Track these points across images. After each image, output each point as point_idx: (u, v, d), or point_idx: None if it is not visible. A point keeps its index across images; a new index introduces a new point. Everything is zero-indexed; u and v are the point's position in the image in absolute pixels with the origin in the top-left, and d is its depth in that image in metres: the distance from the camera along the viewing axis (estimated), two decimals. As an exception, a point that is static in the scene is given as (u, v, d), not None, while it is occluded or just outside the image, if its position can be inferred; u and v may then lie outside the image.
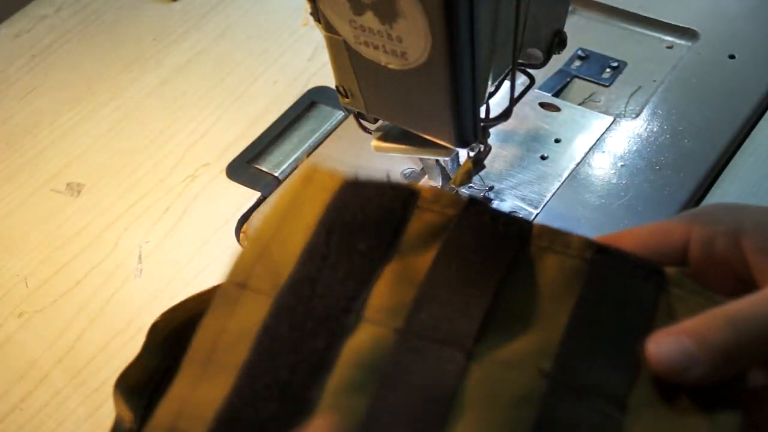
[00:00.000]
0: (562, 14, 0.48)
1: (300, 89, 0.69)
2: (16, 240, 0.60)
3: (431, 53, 0.39)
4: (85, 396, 0.50)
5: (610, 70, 0.66)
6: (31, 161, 0.66)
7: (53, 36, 0.78)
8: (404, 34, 0.39)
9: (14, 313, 0.55)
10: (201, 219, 0.60)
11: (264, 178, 0.62)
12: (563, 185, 0.57)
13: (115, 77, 0.73)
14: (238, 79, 0.71)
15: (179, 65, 0.73)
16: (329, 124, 0.65)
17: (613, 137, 0.60)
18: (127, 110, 0.70)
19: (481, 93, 0.44)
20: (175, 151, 0.65)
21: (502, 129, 0.60)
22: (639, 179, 0.56)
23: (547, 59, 0.49)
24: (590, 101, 0.64)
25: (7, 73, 0.75)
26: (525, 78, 0.50)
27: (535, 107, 0.62)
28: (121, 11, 0.80)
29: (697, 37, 0.67)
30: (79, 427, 0.49)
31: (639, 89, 0.64)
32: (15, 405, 0.50)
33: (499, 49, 0.44)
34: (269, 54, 0.73)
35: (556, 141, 0.60)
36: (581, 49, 0.68)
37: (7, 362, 0.53)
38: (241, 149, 0.64)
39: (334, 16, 0.41)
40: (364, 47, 0.41)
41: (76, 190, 0.63)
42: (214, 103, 0.69)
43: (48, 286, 0.57)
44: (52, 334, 0.54)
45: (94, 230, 0.60)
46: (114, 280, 0.56)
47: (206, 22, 0.77)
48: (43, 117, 0.70)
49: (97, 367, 0.51)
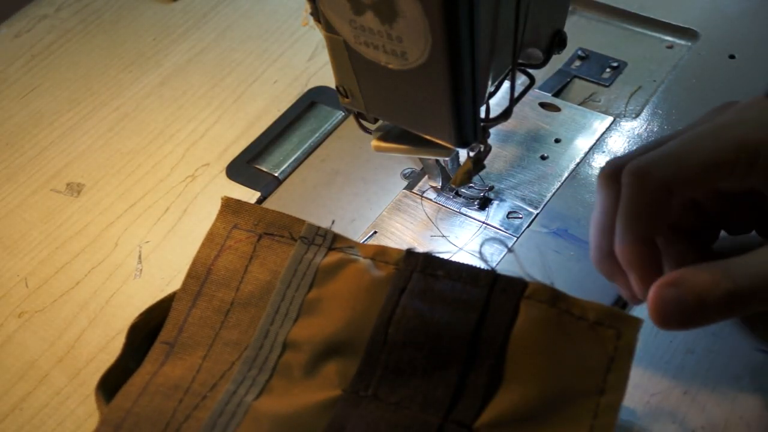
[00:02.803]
0: (562, 14, 0.48)
1: (300, 89, 0.69)
2: (16, 240, 0.60)
3: (431, 53, 0.39)
4: (85, 396, 0.50)
5: (610, 70, 0.66)
6: (31, 161, 0.66)
7: (53, 36, 0.78)
8: (404, 34, 0.39)
9: (14, 313, 0.55)
10: (201, 219, 0.60)
11: (264, 178, 0.62)
12: (563, 185, 0.57)
13: (115, 77, 0.73)
14: (238, 79, 0.71)
15: (179, 65, 0.73)
16: (329, 124, 0.65)
17: (613, 137, 0.60)
18: (127, 110, 0.70)
19: (481, 93, 0.44)
20: (175, 151, 0.65)
21: (502, 129, 0.60)
22: (639, 179, 0.56)
23: (547, 59, 0.49)
24: (590, 101, 0.64)
25: (7, 73, 0.75)
26: (525, 78, 0.50)
27: (535, 107, 0.62)
28: (121, 11, 0.80)
29: (697, 37, 0.67)
30: (79, 427, 0.49)
31: (639, 89, 0.64)
32: (15, 405, 0.50)
33: (499, 49, 0.44)
34: (269, 54, 0.73)
35: (556, 141, 0.60)
36: (581, 49, 0.68)
37: (7, 362, 0.53)
38: (241, 149, 0.64)
39: (334, 16, 0.41)
40: (364, 47, 0.41)
41: (76, 190, 0.63)
42: (214, 103, 0.69)
43: (48, 286, 0.57)
44: (52, 334, 0.54)
45: (94, 230, 0.60)
46: (114, 280, 0.56)
47: (206, 22, 0.77)
48: (43, 117, 0.70)
49: (97, 367, 0.51)
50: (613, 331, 0.37)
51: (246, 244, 0.45)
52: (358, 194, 0.59)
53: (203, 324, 0.43)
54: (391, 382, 0.39)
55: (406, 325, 0.39)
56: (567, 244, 0.53)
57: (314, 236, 0.44)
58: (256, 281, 0.44)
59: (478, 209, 0.56)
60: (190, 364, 0.42)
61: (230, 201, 0.46)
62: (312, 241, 0.44)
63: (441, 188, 0.57)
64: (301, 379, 0.41)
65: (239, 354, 0.42)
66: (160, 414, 0.40)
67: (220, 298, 0.44)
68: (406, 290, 0.40)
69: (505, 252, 0.52)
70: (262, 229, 0.45)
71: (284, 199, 0.60)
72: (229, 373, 0.41)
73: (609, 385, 0.36)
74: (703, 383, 0.45)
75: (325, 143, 0.64)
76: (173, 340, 0.43)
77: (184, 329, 0.43)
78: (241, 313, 0.43)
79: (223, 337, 0.42)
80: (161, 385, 0.41)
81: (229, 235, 0.45)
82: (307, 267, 0.43)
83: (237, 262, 0.44)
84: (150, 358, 0.42)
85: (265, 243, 0.44)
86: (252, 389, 0.40)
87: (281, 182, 0.61)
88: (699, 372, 0.45)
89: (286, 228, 0.44)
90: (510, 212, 0.55)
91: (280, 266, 0.44)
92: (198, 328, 0.43)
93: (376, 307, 0.41)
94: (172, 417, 0.39)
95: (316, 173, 0.61)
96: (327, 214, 0.58)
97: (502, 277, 0.40)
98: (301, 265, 0.43)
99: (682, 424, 0.43)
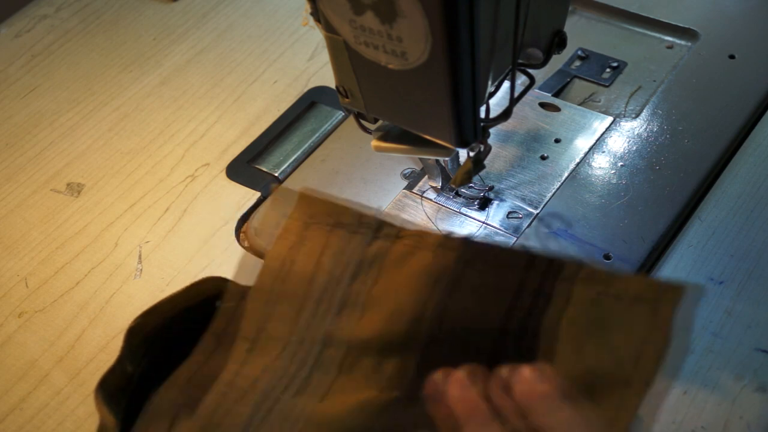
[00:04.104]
0: (562, 14, 0.48)
1: (300, 89, 0.69)
2: (16, 240, 0.60)
3: (431, 53, 0.39)
4: (85, 396, 0.50)
5: (610, 70, 0.66)
6: (31, 161, 0.66)
7: (53, 36, 0.78)
8: (404, 34, 0.39)
9: (14, 313, 0.55)
10: (201, 219, 0.60)
11: (264, 178, 0.62)
12: (563, 185, 0.57)
13: (115, 77, 0.73)
14: (238, 79, 0.71)
15: (179, 65, 0.73)
16: (329, 124, 0.65)
17: (613, 137, 0.60)
18: (127, 110, 0.70)
19: (481, 93, 0.44)
20: (175, 151, 0.65)
21: (502, 129, 0.60)
22: (639, 179, 0.56)
23: (547, 59, 0.49)
24: (590, 101, 0.64)
25: (7, 73, 0.75)
26: (525, 78, 0.50)
27: (535, 107, 0.62)
28: (121, 11, 0.80)
29: (697, 37, 0.67)
30: (79, 427, 0.49)
31: (639, 89, 0.64)
32: (15, 405, 0.50)
33: (499, 49, 0.44)
34: (269, 54, 0.73)
35: (556, 141, 0.60)
36: (581, 49, 0.68)
37: (7, 362, 0.53)
38: (241, 149, 0.64)
39: (334, 16, 0.41)
40: (364, 47, 0.41)
41: (76, 190, 0.63)
42: (214, 103, 0.69)
43: (48, 286, 0.57)
44: (52, 334, 0.54)
45: (94, 230, 0.60)
46: (114, 280, 0.56)
47: (206, 22, 0.77)
48: (43, 117, 0.70)
49: (97, 367, 0.51)
50: (648, 307, 0.36)
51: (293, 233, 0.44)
52: (358, 194, 0.59)
53: (250, 318, 0.43)
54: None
55: (450, 319, 0.39)
56: (567, 244, 0.53)
57: (358, 224, 0.43)
58: (302, 273, 0.43)
59: (478, 209, 0.56)
60: (235, 357, 0.42)
61: (306, 193, 0.46)
62: (356, 230, 0.43)
63: (441, 188, 0.57)
64: (341, 376, 0.40)
65: (282, 348, 0.41)
66: (205, 406, 0.40)
67: (267, 291, 0.43)
68: (450, 281, 0.40)
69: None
70: (306, 218, 0.44)
71: (284, 199, 0.60)
72: (272, 367, 0.41)
73: (640, 367, 0.35)
74: (703, 383, 0.45)
75: (325, 143, 0.64)
76: (221, 332, 0.43)
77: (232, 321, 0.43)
78: (285, 306, 0.43)
79: (268, 332, 0.42)
80: (207, 377, 0.41)
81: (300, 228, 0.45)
82: (349, 258, 0.43)
83: (282, 252, 0.44)
84: (198, 350, 0.42)
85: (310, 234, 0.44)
86: (292, 385, 0.40)
87: (281, 182, 0.61)
88: (699, 372, 0.45)
89: (331, 216, 0.44)
90: (510, 212, 0.55)
91: (324, 256, 0.43)
92: (245, 321, 0.43)
93: (421, 300, 0.40)
94: (214, 411, 0.39)
95: (316, 173, 0.61)
96: (327, 214, 0.58)
97: (543, 259, 0.39)
98: (344, 257, 0.43)
99: (681, 424, 0.44)
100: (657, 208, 0.54)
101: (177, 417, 0.39)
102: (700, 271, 0.51)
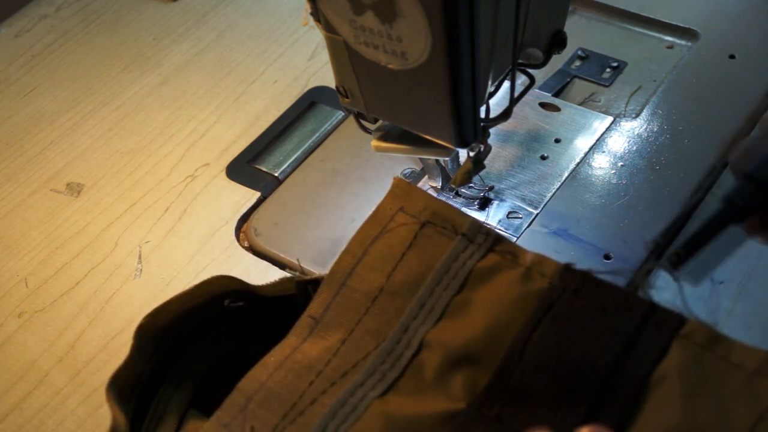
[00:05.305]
0: (562, 14, 0.48)
1: (300, 89, 0.69)
2: (16, 240, 0.60)
3: (431, 53, 0.39)
4: (85, 396, 0.50)
5: (610, 70, 0.66)
6: (31, 161, 0.66)
7: (53, 36, 0.78)
8: (404, 34, 0.39)
9: (14, 313, 0.55)
10: (201, 219, 0.60)
11: (264, 178, 0.62)
12: (563, 185, 0.57)
13: (115, 77, 0.73)
14: (238, 79, 0.71)
15: (179, 65, 0.73)
16: (329, 124, 0.65)
17: (613, 137, 0.60)
18: (127, 110, 0.70)
19: (481, 93, 0.44)
20: (175, 151, 0.65)
21: (502, 129, 0.60)
22: (639, 179, 0.56)
23: (547, 59, 0.49)
24: (590, 101, 0.64)
25: (6, 73, 0.75)
26: (525, 78, 0.50)
27: (535, 107, 0.62)
28: (121, 11, 0.80)
29: (697, 37, 0.67)
30: (79, 427, 0.49)
31: (639, 89, 0.64)
32: (15, 405, 0.50)
33: (499, 49, 0.44)
34: (269, 54, 0.73)
35: (556, 141, 0.60)
36: (581, 49, 0.68)
37: (7, 362, 0.53)
38: (241, 149, 0.64)
39: (334, 16, 0.41)
40: (364, 47, 0.41)
41: (76, 190, 0.63)
42: (214, 103, 0.69)
43: (48, 286, 0.57)
44: (52, 334, 0.54)
45: (94, 230, 0.60)
46: (114, 280, 0.56)
47: (206, 22, 0.77)
48: (43, 117, 0.70)
49: (97, 367, 0.51)
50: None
51: (408, 230, 0.42)
52: (358, 194, 0.59)
53: (349, 306, 0.41)
54: (517, 406, 0.37)
55: (543, 348, 0.37)
56: (567, 244, 0.53)
57: (476, 234, 0.41)
58: (409, 271, 0.41)
59: (478, 209, 0.56)
60: (328, 346, 0.40)
61: (401, 182, 0.44)
62: (473, 239, 0.41)
63: (441, 188, 0.57)
64: (429, 383, 0.39)
65: (377, 344, 0.40)
66: (291, 392, 0.39)
67: (371, 282, 0.42)
68: (552, 309, 0.38)
69: None
70: (426, 217, 0.42)
71: (284, 199, 0.60)
72: (363, 363, 0.39)
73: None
74: (703, 383, 0.45)
75: (325, 143, 0.64)
76: (319, 317, 0.41)
77: (331, 307, 0.41)
78: (387, 301, 0.41)
79: (365, 324, 0.41)
80: (298, 362, 0.40)
81: (393, 218, 0.43)
82: (462, 266, 0.41)
83: (395, 247, 0.42)
84: (294, 332, 0.41)
85: (426, 232, 0.42)
86: (379, 384, 0.39)
87: (281, 182, 0.61)
88: (699, 372, 0.45)
89: (450, 220, 0.42)
90: (510, 212, 0.55)
91: (435, 260, 0.41)
92: (343, 309, 0.41)
93: (519, 321, 0.38)
94: (300, 398, 0.38)
95: (316, 173, 0.61)
96: (327, 214, 0.58)
97: (659, 309, 0.37)
98: (456, 263, 0.41)
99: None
100: (657, 208, 0.54)
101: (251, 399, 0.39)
102: (700, 271, 0.51)
